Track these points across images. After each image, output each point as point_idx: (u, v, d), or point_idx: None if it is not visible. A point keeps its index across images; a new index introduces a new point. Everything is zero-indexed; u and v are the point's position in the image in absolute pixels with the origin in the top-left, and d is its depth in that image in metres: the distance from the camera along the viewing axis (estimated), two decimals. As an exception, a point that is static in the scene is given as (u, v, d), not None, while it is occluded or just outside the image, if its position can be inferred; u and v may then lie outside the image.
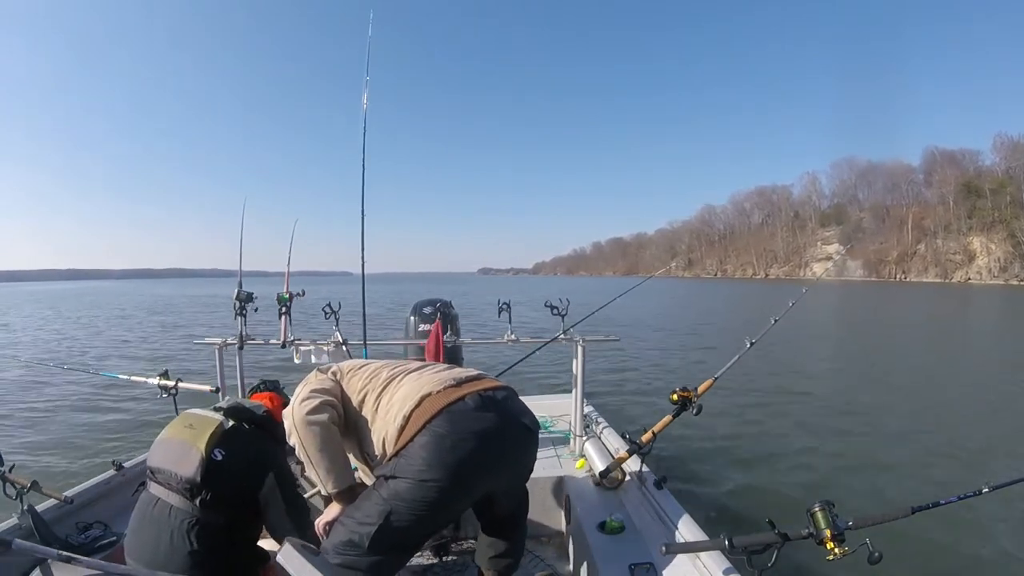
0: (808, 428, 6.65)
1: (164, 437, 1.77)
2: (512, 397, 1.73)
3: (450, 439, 1.51)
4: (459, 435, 1.52)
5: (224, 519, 1.65)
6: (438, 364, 1.84)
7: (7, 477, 2.01)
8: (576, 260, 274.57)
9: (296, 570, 1.30)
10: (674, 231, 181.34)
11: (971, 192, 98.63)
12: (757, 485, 4.69)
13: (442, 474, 1.49)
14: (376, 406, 1.67)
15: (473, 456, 1.53)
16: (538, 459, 2.91)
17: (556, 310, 3.01)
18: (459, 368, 1.81)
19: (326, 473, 1.60)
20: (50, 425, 6.51)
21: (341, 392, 1.72)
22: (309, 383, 1.70)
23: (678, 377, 9.30)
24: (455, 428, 1.53)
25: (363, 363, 1.82)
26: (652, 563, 1.89)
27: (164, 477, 1.67)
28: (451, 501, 1.57)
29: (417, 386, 1.64)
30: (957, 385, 9.38)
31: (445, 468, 1.49)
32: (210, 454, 1.65)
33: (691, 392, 2.38)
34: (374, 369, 1.77)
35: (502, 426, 1.62)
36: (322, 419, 1.59)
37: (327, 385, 1.70)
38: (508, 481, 1.80)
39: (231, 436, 1.73)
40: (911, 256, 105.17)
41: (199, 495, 1.62)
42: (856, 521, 1.49)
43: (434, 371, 1.74)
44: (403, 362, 1.81)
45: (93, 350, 13.62)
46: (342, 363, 1.82)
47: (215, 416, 1.76)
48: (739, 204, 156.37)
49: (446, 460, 1.50)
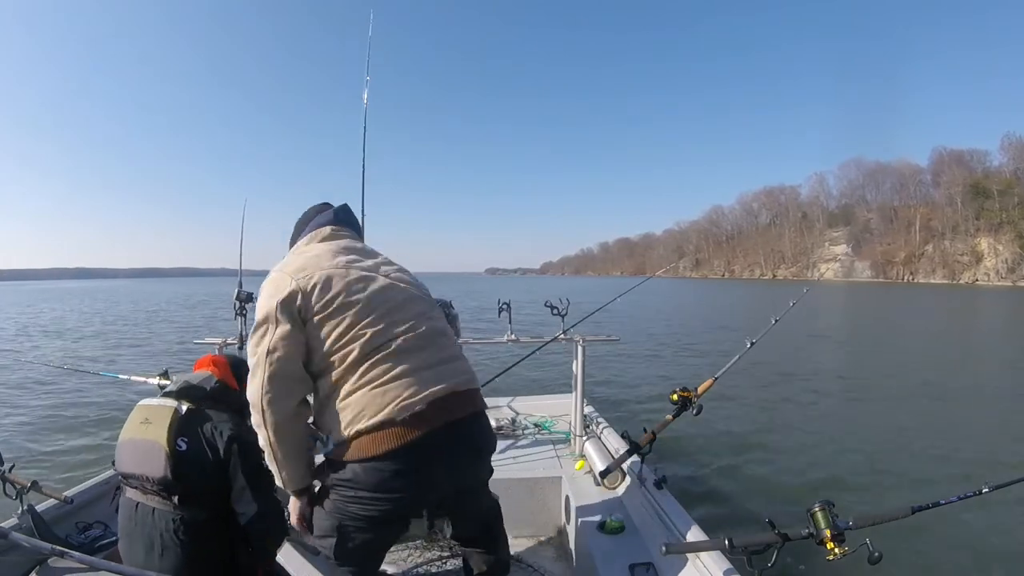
0: (808, 428, 6.65)
1: (125, 439, 1.68)
2: (478, 419, 1.59)
3: (405, 478, 1.41)
4: (418, 472, 1.42)
5: (208, 511, 1.60)
6: (421, 351, 1.50)
7: (7, 477, 2.01)
8: (583, 260, 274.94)
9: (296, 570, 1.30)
10: (682, 231, 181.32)
11: (979, 193, 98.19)
12: (757, 485, 4.69)
13: (386, 502, 1.43)
14: (347, 378, 1.44)
15: (421, 488, 1.45)
16: (538, 459, 2.95)
17: (556, 310, 3.01)
18: (439, 363, 1.52)
19: (289, 475, 1.49)
20: (50, 425, 6.54)
21: (306, 342, 1.45)
22: (267, 339, 1.42)
23: (678, 377, 9.28)
24: (414, 465, 1.42)
25: (340, 299, 1.46)
26: (652, 563, 1.88)
27: (137, 481, 1.62)
28: (398, 519, 1.52)
29: (395, 393, 1.41)
30: (958, 385, 9.34)
31: (389, 496, 1.42)
32: (174, 447, 1.56)
33: (691, 392, 2.37)
34: (355, 318, 1.45)
35: (461, 460, 1.51)
36: (291, 413, 1.43)
37: (289, 349, 1.42)
38: (463, 497, 1.66)
39: (189, 421, 1.61)
40: (919, 257, 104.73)
41: (176, 492, 1.57)
42: (856, 521, 1.48)
43: (415, 369, 1.46)
44: (385, 317, 1.49)
45: (93, 350, 13.71)
46: (307, 276, 1.47)
47: (169, 403, 1.65)
48: (747, 204, 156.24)
49: (391, 487, 1.41)
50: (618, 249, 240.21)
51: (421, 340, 1.51)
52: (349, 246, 1.64)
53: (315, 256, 1.55)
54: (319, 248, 1.60)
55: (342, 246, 1.62)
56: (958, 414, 7.35)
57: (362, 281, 1.52)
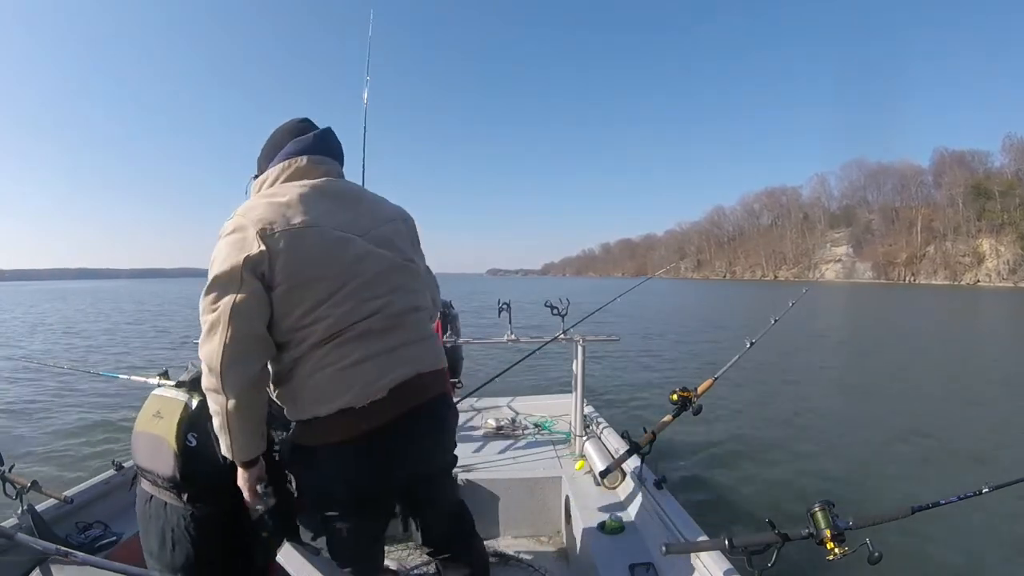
0: (808, 428, 6.65)
1: (138, 431, 1.68)
2: (443, 400, 1.52)
3: (367, 462, 1.36)
4: (379, 457, 1.37)
5: (218, 507, 1.58)
6: (387, 333, 1.39)
7: (7, 477, 2.01)
8: (585, 261, 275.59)
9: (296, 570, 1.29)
10: (683, 232, 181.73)
11: (980, 194, 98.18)
12: (757, 485, 4.68)
13: (350, 486, 1.38)
14: (308, 357, 1.33)
15: (383, 471, 1.39)
16: (538, 459, 2.95)
17: (556, 310, 3.00)
18: (404, 345, 1.41)
19: (241, 445, 1.36)
20: (50, 425, 6.54)
21: (270, 311, 1.30)
22: (230, 296, 1.25)
23: (678, 377, 9.28)
24: (376, 450, 1.36)
25: (309, 271, 1.31)
26: (652, 563, 1.87)
27: (151, 476, 1.62)
28: (370, 504, 1.44)
29: (356, 379, 1.32)
30: (958, 386, 9.34)
31: (352, 480, 1.37)
32: (184, 444, 1.54)
33: (691, 392, 2.36)
34: (322, 295, 1.31)
35: (424, 444, 1.46)
36: (253, 378, 1.30)
37: (255, 310, 1.27)
38: (429, 485, 1.60)
39: (200, 415, 1.54)
40: (920, 258, 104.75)
41: (185, 490, 1.56)
42: (856, 521, 1.47)
43: (379, 353, 1.36)
44: (354, 295, 1.35)
45: (93, 350, 13.73)
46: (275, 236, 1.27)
47: (180, 397, 1.62)
48: (748, 205, 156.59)
49: (352, 471, 1.37)
50: (619, 250, 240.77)
51: (389, 321, 1.38)
52: (327, 188, 1.42)
53: (285, 204, 1.32)
54: (290, 191, 1.36)
55: (319, 189, 1.40)
56: (958, 414, 7.35)
57: (337, 247, 1.34)
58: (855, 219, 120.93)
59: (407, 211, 1.61)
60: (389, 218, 1.51)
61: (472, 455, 2.98)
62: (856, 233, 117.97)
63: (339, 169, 1.53)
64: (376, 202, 1.53)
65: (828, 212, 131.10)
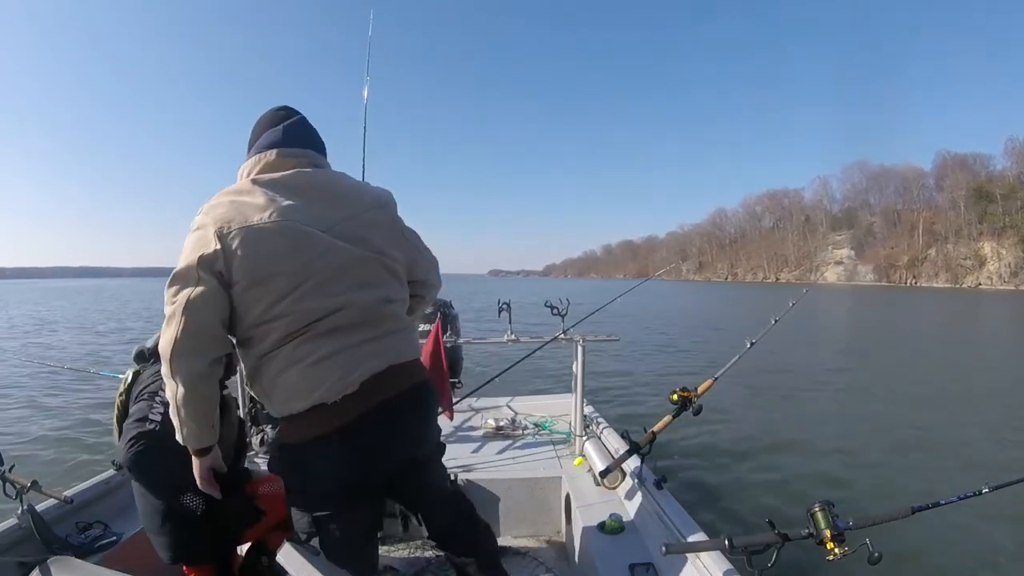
0: (808, 428, 6.64)
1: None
2: (417, 390, 1.48)
3: (343, 457, 1.37)
4: (356, 450, 1.37)
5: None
6: (355, 328, 1.37)
7: (7, 477, 2.01)
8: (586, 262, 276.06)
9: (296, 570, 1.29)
10: (685, 234, 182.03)
11: (982, 197, 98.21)
12: (757, 485, 4.67)
13: (330, 480, 1.39)
14: (275, 354, 1.34)
15: (362, 464, 1.39)
16: (538, 459, 2.94)
17: (556, 310, 3.00)
18: (374, 339, 1.39)
19: (190, 433, 1.36)
20: (50, 425, 6.54)
21: (230, 305, 1.32)
22: (186, 292, 1.27)
23: (678, 377, 9.27)
24: (351, 445, 1.36)
25: (266, 269, 1.30)
26: (652, 563, 1.87)
27: None
28: (352, 497, 1.43)
29: (326, 375, 1.32)
30: (959, 386, 9.34)
31: (332, 474, 1.39)
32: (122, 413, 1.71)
33: (691, 392, 2.36)
34: (281, 292, 1.31)
35: (401, 433, 1.43)
36: (202, 372, 1.30)
37: (207, 307, 1.28)
38: (414, 475, 1.58)
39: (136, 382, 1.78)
40: (922, 261, 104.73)
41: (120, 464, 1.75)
42: (856, 521, 1.47)
43: (347, 348, 1.35)
44: (315, 292, 1.34)
45: (94, 350, 13.73)
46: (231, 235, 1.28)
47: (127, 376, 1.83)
48: (750, 208, 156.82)
49: (330, 467, 1.38)
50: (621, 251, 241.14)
51: (356, 316, 1.37)
52: (293, 182, 1.40)
53: (243, 204, 1.32)
54: (255, 188, 1.36)
55: (284, 183, 1.39)
56: (958, 414, 7.34)
57: (296, 243, 1.32)
58: (857, 221, 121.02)
59: (388, 194, 1.56)
60: (363, 208, 1.45)
61: (472, 455, 2.97)
62: (858, 236, 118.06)
63: (312, 158, 1.48)
64: (350, 191, 1.48)
65: (830, 215, 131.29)
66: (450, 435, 3.29)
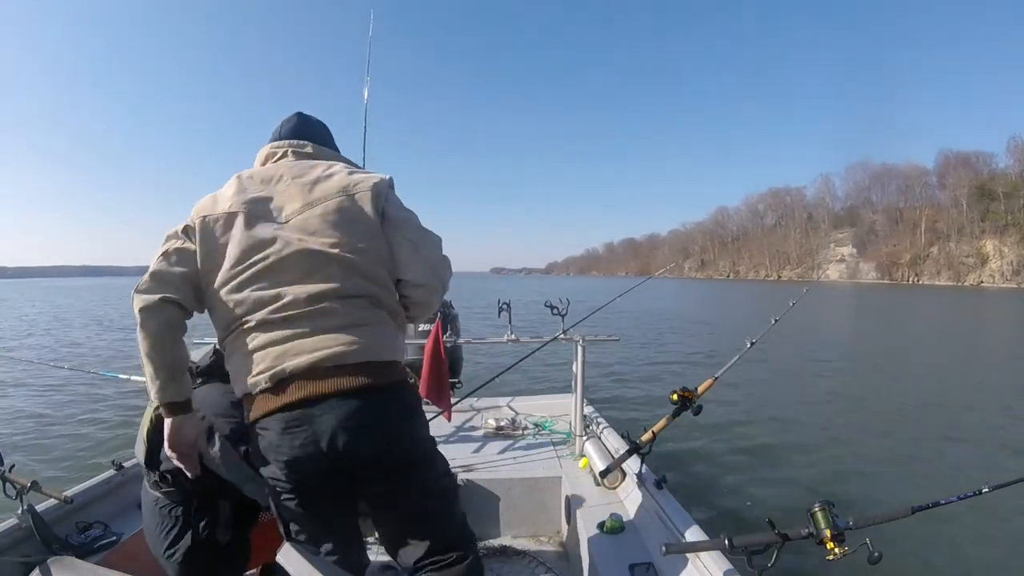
0: (809, 428, 6.64)
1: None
2: (358, 395, 1.30)
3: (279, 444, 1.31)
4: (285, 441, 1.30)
5: (181, 490, 1.63)
6: (291, 321, 1.32)
7: (7, 477, 2.01)
8: (588, 260, 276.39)
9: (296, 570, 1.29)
10: (687, 232, 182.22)
11: (984, 195, 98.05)
12: (757, 485, 4.66)
13: (276, 465, 1.33)
14: (225, 337, 1.39)
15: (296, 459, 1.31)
16: (538, 459, 2.94)
17: (556, 310, 3.00)
18: (309, 334, 1.31)
19: (149, 379, 1.35)
20: (50, 425, 6.56)
21: (192, 288, 1.37)
22: (155, 263, 1.36)
23: (678, 377, 9.30)
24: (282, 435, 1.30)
25: (214, 257, 1.36)
26: (652, 563, 1.87)
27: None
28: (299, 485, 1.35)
29: (253, 366, 1.32)
30: (960, 386, 9.34)
31: (273, 459, 1.33)
32: (153, 428, 1.60)
33: (691, 392, 2.35)
34: (223, 278, 1.35)
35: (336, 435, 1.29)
36: (153, 305, 1.31)
37: (179, 260, 1.36)
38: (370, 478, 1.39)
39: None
40: (924, 259, 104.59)
41: (149, 474, 1.65)
42: (856, 521, 1.47)
43: (272, 342, 1.31)
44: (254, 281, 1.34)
45: (94, 350, 13.76)
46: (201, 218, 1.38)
47: None
48: (752, 206, 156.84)
49: (270, 453, 1.34)
50: (623, 250, 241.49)
51: (291, 308, 1.31)
52: (268, 173, 1.44)
53: (219, 196, 1.42)
54: (230, 184, 1.44)
55: (260, 174, 1.45)
56: (959, 414, 7.33)
57: (242, 233, 1.35)
58: (859, 220, 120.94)
59: (372, 181, 1.44)
60: (327, 195, 1.39)
61: (472, 455, 2.97)
62: (860, 234, 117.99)
63: (299, 147, 1.51)
64: (321, 179, 1.42)
65: (832, 213, 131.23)
66: (450, 435, 3.29)
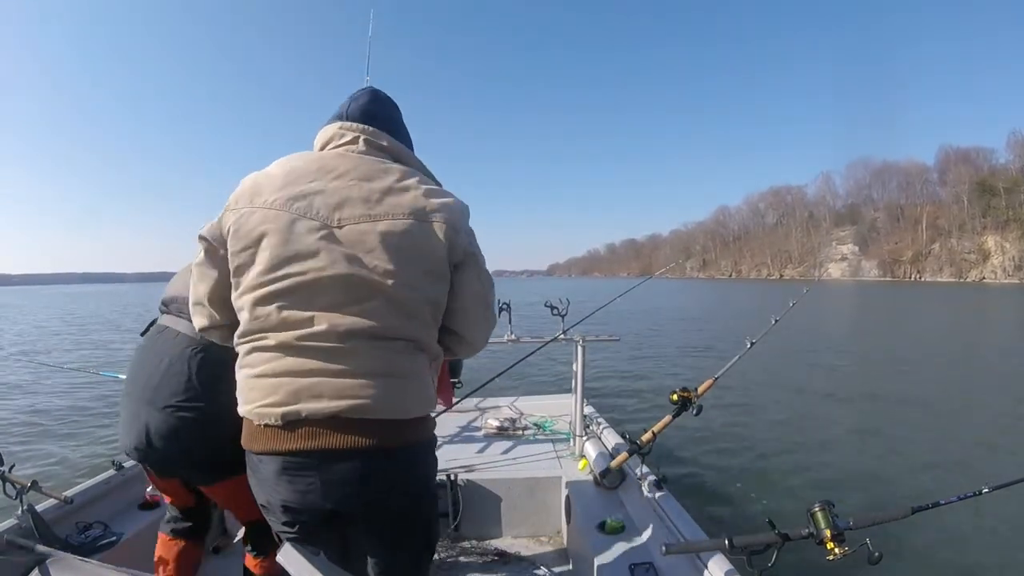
0: (809, 428, 6.64)
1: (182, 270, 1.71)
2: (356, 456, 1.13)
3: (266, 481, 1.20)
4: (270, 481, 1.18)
5: (228, 351, 1.32)
6: (309, 353, 1.12)
7: (7, 477, 2.01)
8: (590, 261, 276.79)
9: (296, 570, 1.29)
10: (688, 232, 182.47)
11: (985, 191, 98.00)
12: (757, 485, 4.67)
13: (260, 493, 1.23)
14: (240, 346, 1.20)
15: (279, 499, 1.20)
16: (538, 459, 2.94)
17: (556, 310, 3.00)
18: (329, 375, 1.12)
19: None
20: (50, 425, 6.59)
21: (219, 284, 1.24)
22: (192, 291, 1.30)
23: (678, 377, 9.33)
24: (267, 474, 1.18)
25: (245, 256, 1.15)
26: (652, 563, 1.87)
27: (177, 305, 1.62)
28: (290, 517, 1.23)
29: (260, 392, 1.14)
30: (960, 385, 9.33)
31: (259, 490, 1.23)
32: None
33: (691, 392, 2.35)
34: (251, 284, 1.15)
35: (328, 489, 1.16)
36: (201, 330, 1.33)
37: (198, 278, 1.27)
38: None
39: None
40: (925, 256, 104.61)
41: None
42: (856, 521, 1.47)
43: (289, 372, 1.13)
44: (284, 295, 1.12)
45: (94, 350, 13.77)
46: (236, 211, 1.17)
47: None
48: (753, 205, 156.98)
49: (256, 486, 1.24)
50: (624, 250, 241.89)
51: (320, 339, 1.11)
52: (328, 164, 1.20)
53: (265, 180, 1.19)
54: (282, 165, 1.22)
55: (319, 161, 1.21)
56: (959, 414, 7.33)
57: (279, 235, 1.12)
58: (860, 217, 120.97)
59: (451, 208, 1.21)
60: (395, 212, 1.15)
61: (472, 455, 2.97)
62: (861, 231, 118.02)
63: (369, 137, 1.26)
64: (391, 189, 1.18)
65: (833, 211, 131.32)
66: (450, 435, 3.29)
